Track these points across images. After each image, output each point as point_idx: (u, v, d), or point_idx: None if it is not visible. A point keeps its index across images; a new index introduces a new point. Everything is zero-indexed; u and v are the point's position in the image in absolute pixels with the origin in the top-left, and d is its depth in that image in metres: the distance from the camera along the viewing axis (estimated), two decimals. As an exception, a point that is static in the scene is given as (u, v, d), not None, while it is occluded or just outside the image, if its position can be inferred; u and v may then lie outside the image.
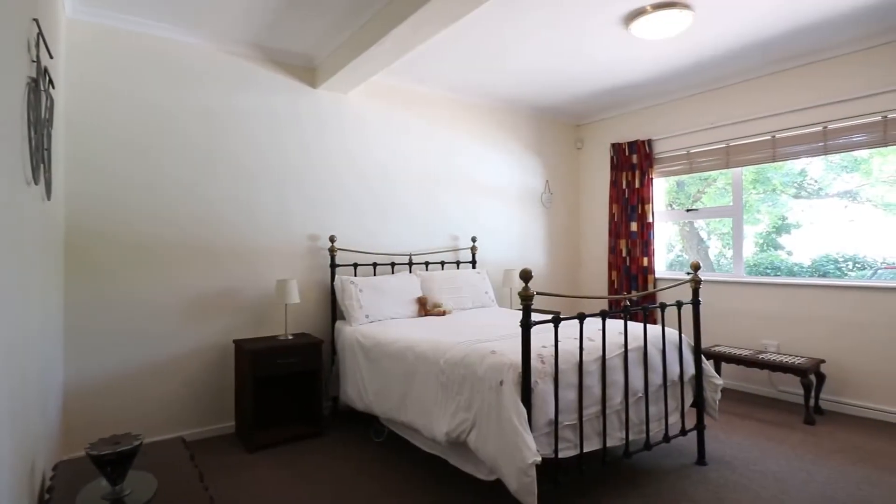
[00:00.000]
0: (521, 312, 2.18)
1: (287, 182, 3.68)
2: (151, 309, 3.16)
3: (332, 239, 3.77)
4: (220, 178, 3.42)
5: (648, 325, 2.71)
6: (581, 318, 2.34)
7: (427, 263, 4.30)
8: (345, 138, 3.96)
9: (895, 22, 3.27)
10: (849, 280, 3.77)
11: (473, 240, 4.59)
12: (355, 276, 3.87)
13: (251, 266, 3.53)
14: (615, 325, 2.74)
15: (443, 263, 4.40)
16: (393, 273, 4.08)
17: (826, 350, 3.73)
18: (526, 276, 2.12)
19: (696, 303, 2.85)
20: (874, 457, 2.87)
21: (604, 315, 2.41)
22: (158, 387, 3.18)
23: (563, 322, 2.41)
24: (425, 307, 3.80)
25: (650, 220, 4.81)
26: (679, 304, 2.79)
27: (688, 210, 4.85)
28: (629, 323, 2.61)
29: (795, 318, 3.90)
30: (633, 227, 4.92)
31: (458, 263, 4.52)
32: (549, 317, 2.31)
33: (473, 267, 4.56)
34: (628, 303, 2.76)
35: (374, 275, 4.00)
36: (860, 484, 2.55)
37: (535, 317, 2.48)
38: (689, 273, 2.89)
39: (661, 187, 5.02)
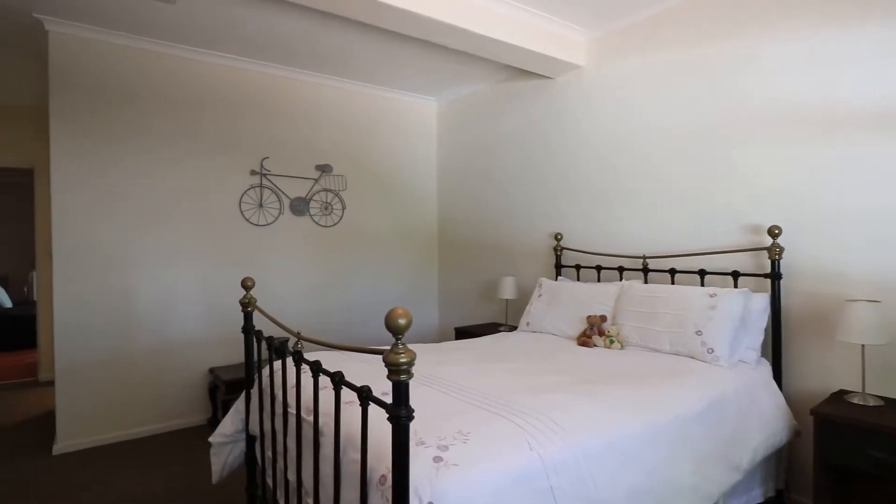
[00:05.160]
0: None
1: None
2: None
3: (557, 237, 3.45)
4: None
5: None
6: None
7: (672, 271, 2.76)
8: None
9: None
10: None
11: (774, 233, 2.34)
12: (578, 279, 3.31)
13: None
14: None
15: (702, 274, 2.63)
16: (621, 279, 3.03)
17: None
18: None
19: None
20: None
21: None
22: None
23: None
24: (589, 331, 2.74)
25: None
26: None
27: None
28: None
29: None
30: None
31: (735, 275, 2.50)
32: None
33: (775, 281, 2.35)
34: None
35: (598, 280, 3.18)
36: None
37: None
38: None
39: None
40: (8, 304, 6.88)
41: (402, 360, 1.08)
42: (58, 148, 3.09)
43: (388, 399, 1.22)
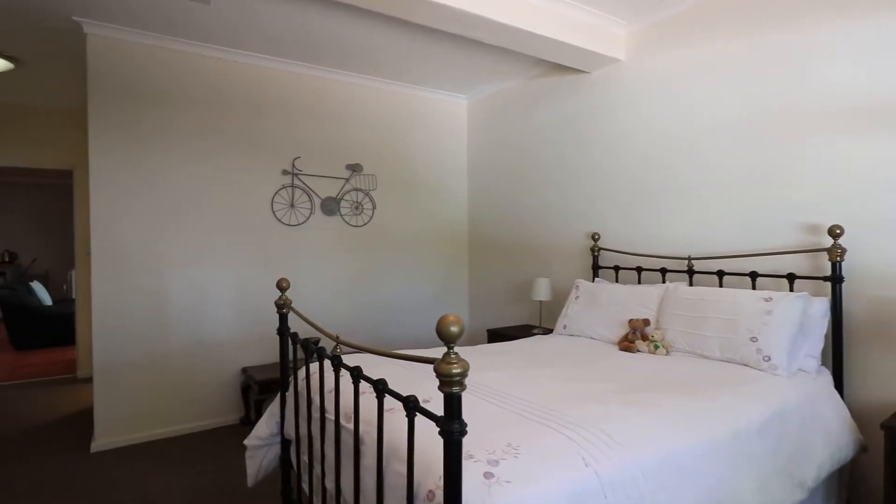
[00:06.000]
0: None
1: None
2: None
3: (594, 237, 3.33)
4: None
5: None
6: None
7: (721, 273, 2.62)
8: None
9: None
10: None
11: (835, 233, 2.18)
12: (616, 280, 3.19)
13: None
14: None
15: (754, 276, 2.49)
16: (664, 282, 2.90)
17: None
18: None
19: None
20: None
21: None
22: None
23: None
24: (631, 335, 2.62)
25: None
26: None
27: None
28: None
29: None
30: None
31: (790, 278, 2.35)
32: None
33: (836, 284, 2.20)
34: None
35: (639, 282, 3.05)
36: None
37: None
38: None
39: None
40: (48, 301, 7.09)
41: (455, 371, 1.01)
42: (96, 149, 3.12)
43: (430, 406, 1.16)
